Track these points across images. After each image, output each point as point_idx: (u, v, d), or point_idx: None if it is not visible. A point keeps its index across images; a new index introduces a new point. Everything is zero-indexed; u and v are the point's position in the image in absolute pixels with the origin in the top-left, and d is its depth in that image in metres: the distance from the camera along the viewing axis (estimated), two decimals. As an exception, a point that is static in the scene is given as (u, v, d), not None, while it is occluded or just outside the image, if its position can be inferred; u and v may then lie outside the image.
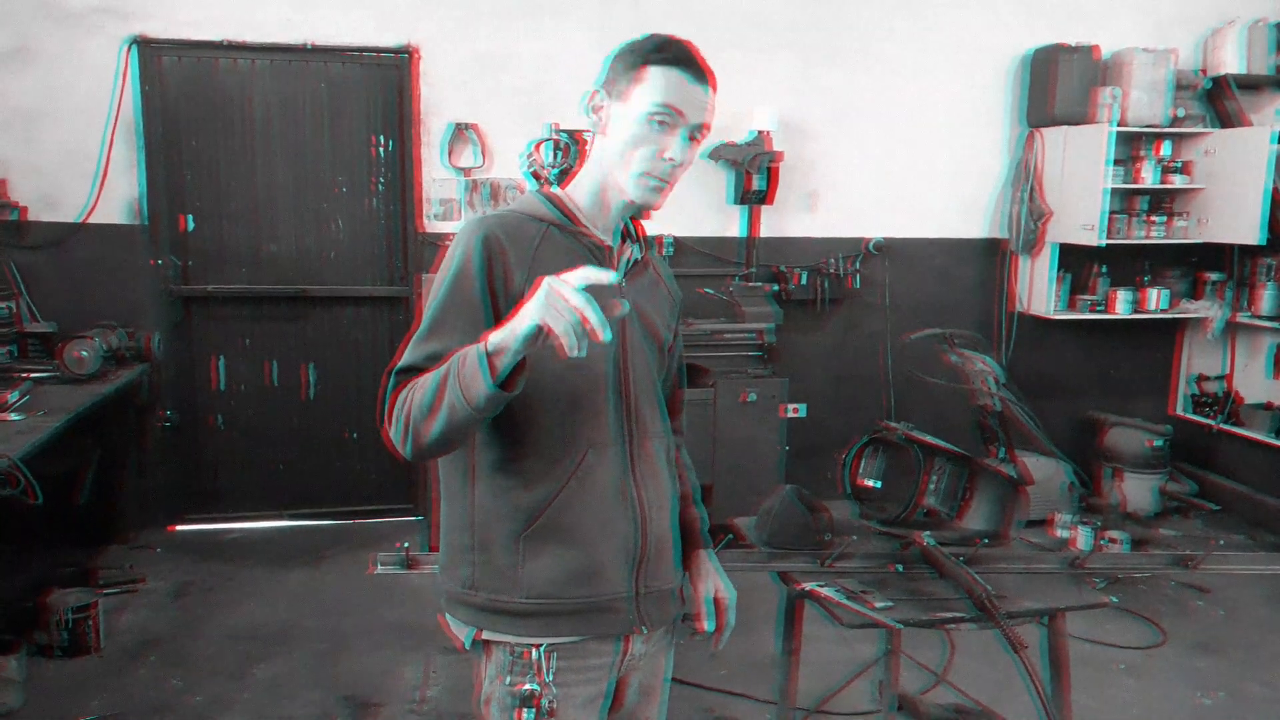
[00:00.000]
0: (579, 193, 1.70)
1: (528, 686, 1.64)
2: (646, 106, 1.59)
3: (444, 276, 1.59)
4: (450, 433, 1.46)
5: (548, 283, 1.33)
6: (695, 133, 1.62)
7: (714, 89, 1.64)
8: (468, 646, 1.70)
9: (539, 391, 1.55)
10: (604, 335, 1.29)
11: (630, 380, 1.69)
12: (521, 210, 1.67)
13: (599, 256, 1.66)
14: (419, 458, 1.52)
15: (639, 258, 1.76)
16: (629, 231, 1.77)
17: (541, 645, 1.64)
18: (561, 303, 1.30)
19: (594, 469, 1.64)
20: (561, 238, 1.64)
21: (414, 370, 1.53)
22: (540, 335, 1.33)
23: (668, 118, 1.59)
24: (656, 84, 1.59)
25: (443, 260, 1.63)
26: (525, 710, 1.64)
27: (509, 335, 1.37)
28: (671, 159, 1.60)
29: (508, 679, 1.65)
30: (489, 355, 1.38)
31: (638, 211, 1.70)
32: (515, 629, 1.64)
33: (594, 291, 1.30)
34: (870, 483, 2.73)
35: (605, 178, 1.65)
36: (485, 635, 1.67)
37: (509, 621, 1.64)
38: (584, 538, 1.64)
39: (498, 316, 1.53)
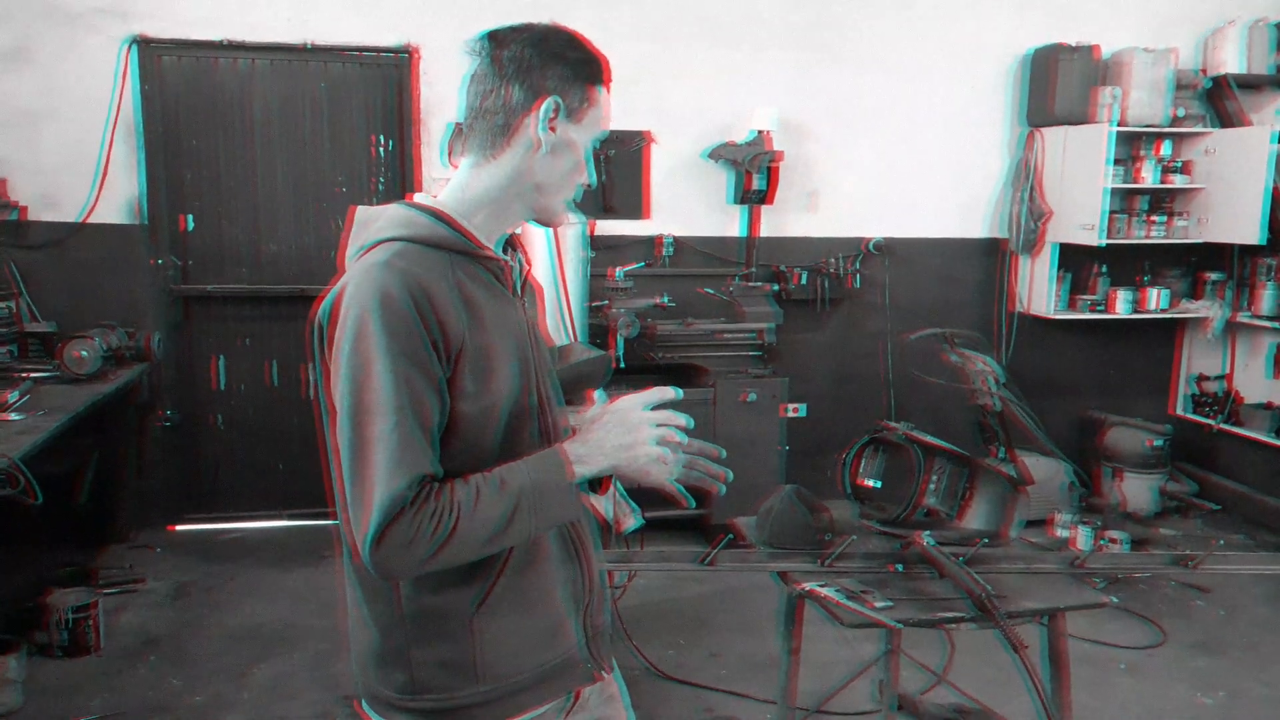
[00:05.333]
0: (471, 206, 1.46)
1: None
2: (596, 133, 1.48)
3: (376, 342, 1.29)
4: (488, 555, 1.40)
5: (647, 416, 1.41)
6: None
7: None
8: None
9: (475, 453, 1.38)
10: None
11: (546, 406, 1.52)
12: (409, 237, 1.40)
13: (500, 276, 1.48)
14: (421, 573, 1.37)
15: (525, 268, 1.59)
16: (509, 240, 1.57)
17: None
18: (669, 429, 1.42)
19: None
20: (467, 263, 1.43)
21: (428, 478, 1.31)
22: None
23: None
24: (603, 111, 1.48)
25: (347, 328, 1.32)
26: None
27: (605, 466, 1.40)
28: (589, 184, 1.52)
29: None
30: (575, 486, 1.39)
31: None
32: None
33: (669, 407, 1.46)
34: (870, 482, 2.73)
35: (519, 194, 1.47)
36: None
37: (464, 718, 1.46)
38: (541, 597, 1.48)
39: (443, 378, 1.34)
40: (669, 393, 1.43)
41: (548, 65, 1.43)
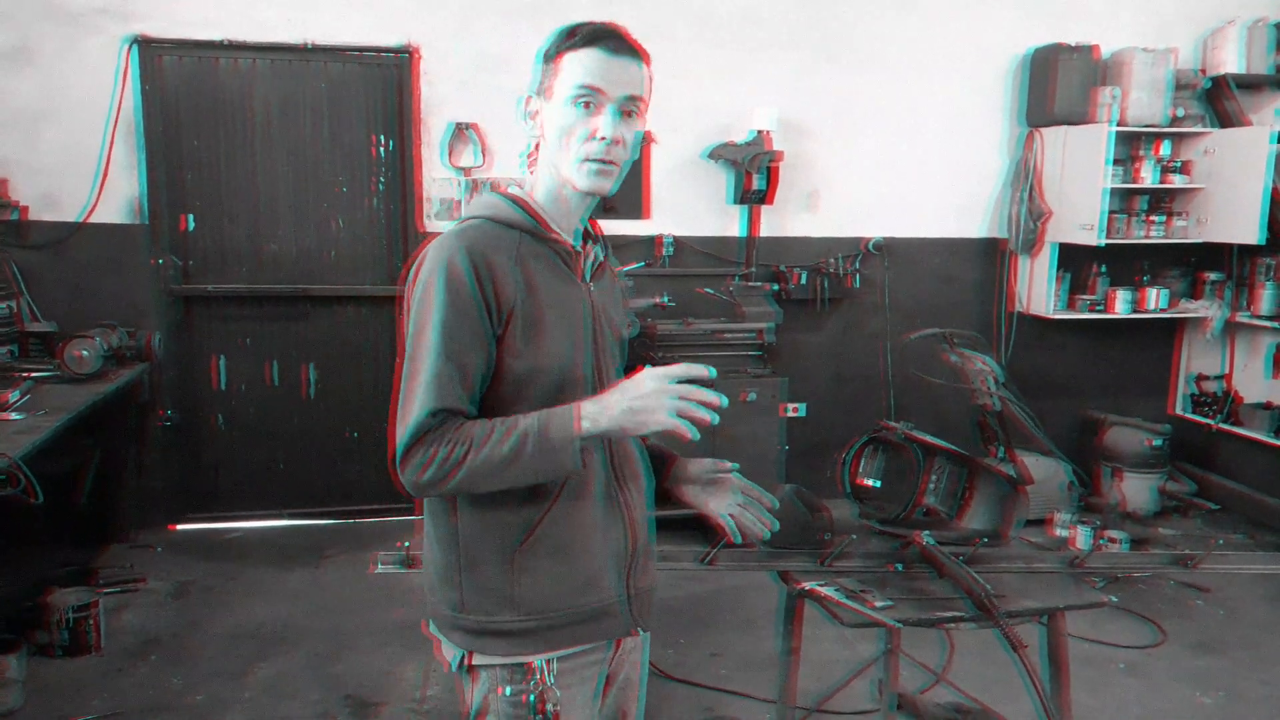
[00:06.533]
0: (538, 195, 1.67)
1: (533, 695, 1.62)
2: (568, 91, 1.57)
3: (435, 298, 1.53)
4: (498, 488, 1.54)
5: (666, 388, 1.45)
6: (626, 106, 1.59)
7: (645, 61, 1.63)
8: (455, 669, 1.67)
9: (521, 408, 1.56)
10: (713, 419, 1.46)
11: (605, 383, 1.67)
12: (489, 217, 1.62)
13: (568, 260, 1.66)
14: (438, 496, 1.60)
15: (601, 259, 1.75)
16: (588, 232, 1.75)
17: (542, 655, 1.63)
18: (689, 404, 1.45)
19: (583, 477, 1.62)
20: (534, 244, 1.62)
21: (452, 412, 1.51)
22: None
23: (589, 97, 1.57)
24: (573, 68, 1.58)
25: (419, 284, 1.57)
26: (533, 718, 1.62)
27: (611, 425, 1.48)
28: (603, 137, 1.56)
29: (508, 689, 1.63)
30: (580, 439, 1.49)
31: (591, 200, 1.67)
32: (510, 649, 1.62)
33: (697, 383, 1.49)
34: (870, 482, 2.73)
35: (557, 177, 1.63)
36: (477, 660, 1.64)
37: (504, 643, 1.62)
38: (578, 548, 1.63)
39: (492, 334, 1.55)
40: (698, 369, 1.49)
41: (536, 67, 1.64)
